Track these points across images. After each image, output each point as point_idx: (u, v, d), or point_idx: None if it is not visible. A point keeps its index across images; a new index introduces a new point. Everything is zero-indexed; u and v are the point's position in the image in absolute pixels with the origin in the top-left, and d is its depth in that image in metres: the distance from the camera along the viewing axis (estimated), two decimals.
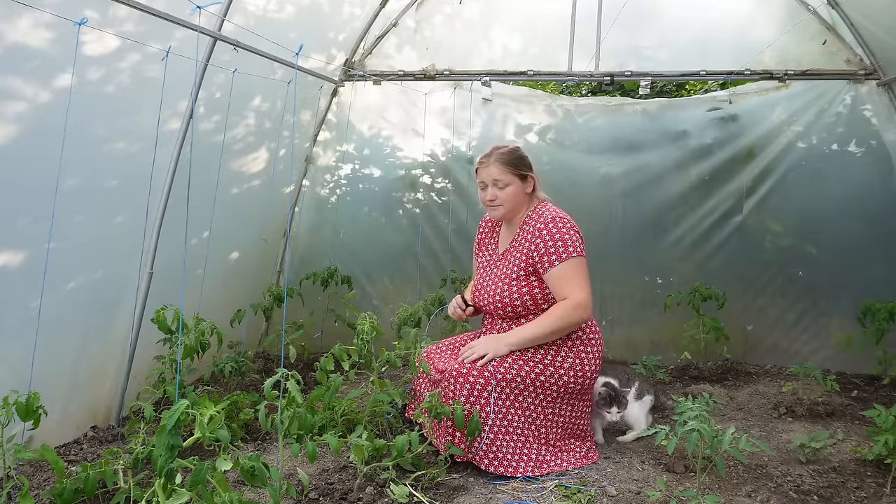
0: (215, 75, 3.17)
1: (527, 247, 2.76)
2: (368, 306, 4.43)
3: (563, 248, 2.68)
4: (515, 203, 2.81)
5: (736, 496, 2.45)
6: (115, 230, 2.94)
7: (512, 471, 2.57)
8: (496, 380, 2.60)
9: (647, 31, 4.33)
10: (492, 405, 2.58)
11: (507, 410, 2.63)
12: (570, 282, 2.68)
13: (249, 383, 3.61)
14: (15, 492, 2.22)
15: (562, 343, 2.75)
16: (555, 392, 2.71)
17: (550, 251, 2.69)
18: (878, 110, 4.06)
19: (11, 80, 2.30)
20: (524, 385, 2.65)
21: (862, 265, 4.08)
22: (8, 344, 2.49)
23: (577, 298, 2.67)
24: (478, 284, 2.95)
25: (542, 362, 2.70)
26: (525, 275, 2.75)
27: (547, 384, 2.69)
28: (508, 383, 2.63)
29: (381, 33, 4.54)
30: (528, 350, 2.71)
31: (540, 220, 2.76)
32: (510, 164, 2.77)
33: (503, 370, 2.63)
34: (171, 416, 1.75)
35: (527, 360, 2.69)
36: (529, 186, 2.82)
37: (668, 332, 4.30)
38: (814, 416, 3.32)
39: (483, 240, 3.08)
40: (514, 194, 2.79)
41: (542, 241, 2.71)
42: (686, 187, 4.38)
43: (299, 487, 2.41)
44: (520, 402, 2.66)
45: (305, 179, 4.63)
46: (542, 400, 2.70)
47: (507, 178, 2.77)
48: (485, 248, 3.05)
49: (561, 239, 2.69)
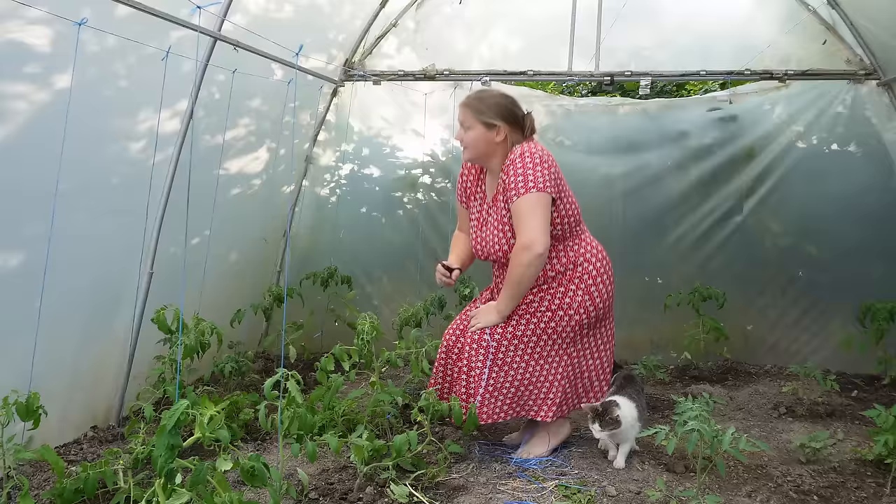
0: (215, 75, 3.17)
1: (503, 189, 2.69)
2: (368, 306, 4.43)
3: (523, 184, 2.56)
4: (479, 150, 2.72)
5: (736, 496, 2.45)
6: (115, 230, 2.94)
7: (550, 413, 2.72)
8: (496, 341, 2.66)
9: (647, 31, 4.33)
10: (488, 366, 2.66)
11: (531, 363, 2.69)
12: (520, 220, 2.57)
13: (249, 383, 3.61)
14: (15, 492, 2.21)
15: (567, 283, 2.70)
16: (572, 333, 2.71)
17: (510, 187, 2.59)
18: (878, 110, 4.06)
19: (12, 80, 2.30)
20: (538, 336, 2.68)
21: (862, 265, 4.07)
22: (8, 344, 2.49)
23: (522, 241, 2.56)
24: (476, 237, 2.88)
25: (550, 309, 2.69)
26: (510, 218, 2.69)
27: (560, 328, 2.69)
28: (520, 339, 2.67)
29: (380, 33, 4.54)
30: (533, 301, 2.69)
31: (509, 159, 2.66)
32: (474, 109, 2.70)
33: (511, 329, 2.66)
34: (171, 416, 1.75)
35: (533, 313, 2.69)
36: (498, 136, 2.68)
37: (668, 332, 4.29)
38: (814, 416, 3.32)
39: (469, 188, 2.95)
40: (476, 139, 2.70)
41: (508, 177, 2.62)
42: (686, 187, 4.38)
43: (299, 487, 2.41)
44: (539, 353, 2.70)
45: (305, 179, 4.63)
46: (563, 343, 2.72)
47: (469, 121, 2.70)
48: (473, 197, 2.94)
49: (523, 174, 2.57)
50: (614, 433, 2.60)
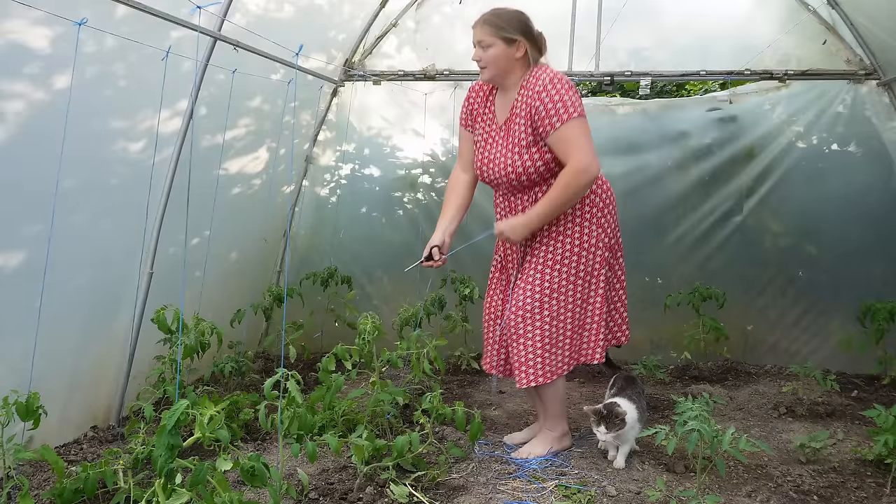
0: (215, 75, 3.17)
1: (527, 112, 2.67)
2: (368, 306, 4.42)
3: (566, 108, 2.58)
4: (500, 67, 2.71)
5: (736, 496, 2.45)
6: (115, 230, 2.94)
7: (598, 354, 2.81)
8: (538, 300, 2.71)
9: (647, 31, 4.33)
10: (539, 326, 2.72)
11: (576, 309, 2.76)
12: (571, 144, 2.59)
13: (249, 383, 3.61)
14: (15, 492, 2.21)
15: (581, 222, 2.74)
16: (599, 268, 2.77)
17: (551, 112, 2.59)
18: (878, 110, 4.06)
19: (11, 79, 2.30)
20: (572, 281, 2.74)
21: (862, 265, 4.07)
22: (8, 344, 2.49)
23: (579, 162, 2.57)
24: (483, 159, 2.84)
25: (573, 252, 2.73)
26: (533, 141, 2.68)
27: (588, 267, 2.75)
28: (558, 290, 2.72)
29: (380, 33, 4.54)
30: (557, 248, 2.73)
31: (538, 83, 2.65)
32: (493, 25, 2.69)
33: (547, 283, 2.71)
34: (171, 416, 1.75)
35: (560, 260, 2.73)
36: (519, 51, 2.68)
37: (668, 332, 4.29)
38: (814, 416, 3.32)
39: (475, 111, 2.92)
40: (497, 56, 2.69)
41: (542, 104, 2.62)
42: (686, 187, 4.38)
43: (299, 487, 2.41)
44: (580, 296, 2.76)
45: (305, 179, 4.63)
46: (595, 281, 2.78)
47: (489, 39, 2.69)
48: (480, 119, 2.91)
49: (561, 100, 2.59)
50: (619, 434, 2.60)
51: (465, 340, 4.21)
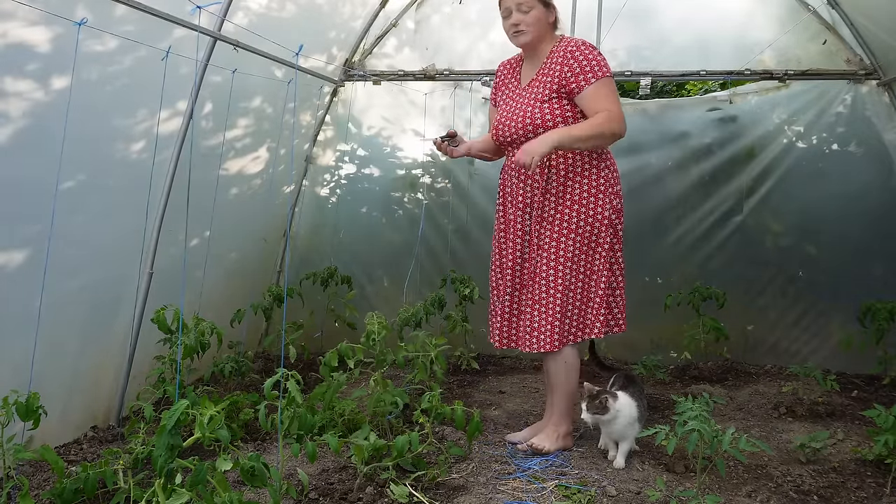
0: (215, 75, 3.17)
1: (558, 70, 2.74)
2: (368, 306, 4.42)
3: (599, 67, 2.70)
4: (539, 29, 2.78)
5: (736, 496, 2.45)
6: (115, 230, 2.94)
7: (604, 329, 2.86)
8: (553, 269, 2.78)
9: (647, 31, 4.33)
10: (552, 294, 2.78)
11: (586, 280, 2.81)
12: (608, 98, 2.70)
13: (249, 383, 3.61)
14: (15, 492, 2.21)
15: (597, 193, 2.78)
16: (608, 240, 2.81)
17: (586, 69, 2.69)
18: (878, 110, 4.05)
19: (11, 79, 2.30)
20: (584, 252, 2.79)
21: (862, 265, 4.07)
22: (8, 344, 2.49)
23: (615, 112, 2.69)
24: (502, 117, 2.89)
25: (587, 222, 2.77)
26: (557, 97, 2.74)
27: (599, 238, 2.80)
28: (572, 259, 2.78)
29: (380, 33, 4.54)
30: (571, 218, 2.76)
31: (570, 45, 2.75)
32: None
33: (562, 253, 2.76)
34: (171, 416, 1.75)
35: (573, 229, 2.77)
36: (552, 16, 2.81)
37: (668, 332, 4.29)
38: (814, 416, 3.32)
39: (502, 82, 3.04)
40: (538, 19, 2.76)
41: (576, 61, 2.71)
42: (686, 187, 4.38)
43: (299, 487, 2.41)
44: (589, 267, 2.82)
45: (305, 179, 4.64)
46: (604, 254, 2.81)
47: (530, 1, 2.75)
48: (504, 88, 3.01)
49: (595, 60, 2.71)
50: (602, 420, 2.61)
51: (465, 340, 4.21)
